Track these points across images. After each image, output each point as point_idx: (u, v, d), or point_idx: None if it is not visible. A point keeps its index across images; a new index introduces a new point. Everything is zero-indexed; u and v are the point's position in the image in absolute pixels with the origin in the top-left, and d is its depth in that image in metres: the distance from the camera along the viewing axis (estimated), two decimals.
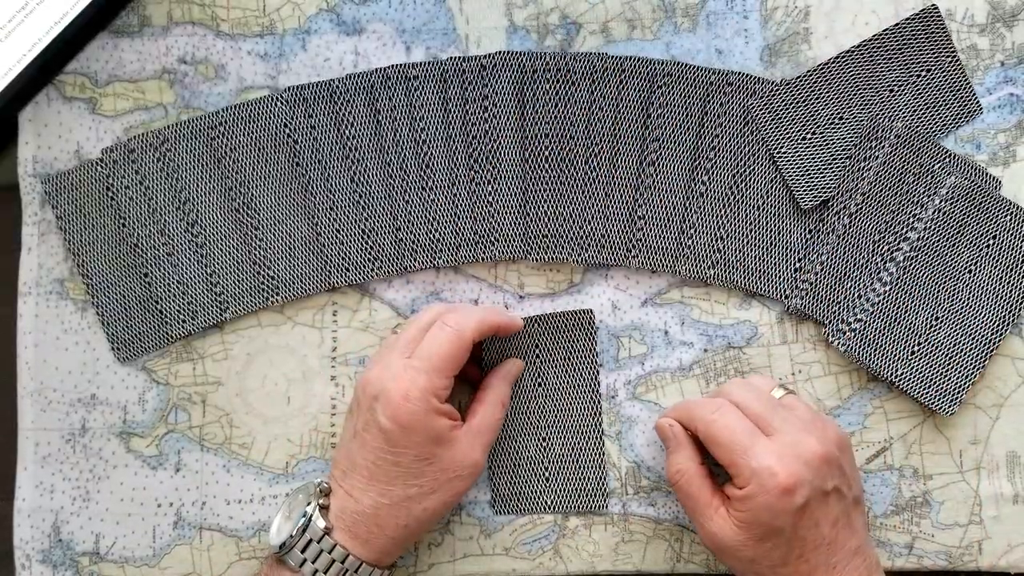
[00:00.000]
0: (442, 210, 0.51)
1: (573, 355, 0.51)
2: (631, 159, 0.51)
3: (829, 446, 0.44)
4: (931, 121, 0.51)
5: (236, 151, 0.51)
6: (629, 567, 0.51)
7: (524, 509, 0.51)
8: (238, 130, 0.51)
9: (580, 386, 0.51)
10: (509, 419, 0.51)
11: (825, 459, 0.43)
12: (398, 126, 0.51)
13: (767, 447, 0.43)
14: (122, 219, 0.51)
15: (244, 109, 0.51)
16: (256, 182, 0.51)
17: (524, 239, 0.51)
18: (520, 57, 0.51)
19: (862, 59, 0.51)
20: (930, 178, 0.50)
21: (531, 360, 0.51)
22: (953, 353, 0.50)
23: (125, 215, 0.51)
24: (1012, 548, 0.50)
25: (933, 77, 0.51)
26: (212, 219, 0.51)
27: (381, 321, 0.51)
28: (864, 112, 0.51)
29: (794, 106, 0.51)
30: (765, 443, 0.43)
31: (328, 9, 0.52)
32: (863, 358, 0.50)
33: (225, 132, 0.51)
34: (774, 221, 0.51)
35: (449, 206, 0.51)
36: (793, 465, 0.42)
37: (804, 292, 0.50)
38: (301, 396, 0.51)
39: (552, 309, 0.51)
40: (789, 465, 0.42)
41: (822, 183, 0.50)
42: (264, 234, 0.51)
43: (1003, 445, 0.51)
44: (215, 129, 0.51)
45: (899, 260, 0.50)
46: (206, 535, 0.51)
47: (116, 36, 0.52)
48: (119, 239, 0.51)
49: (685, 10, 0.52)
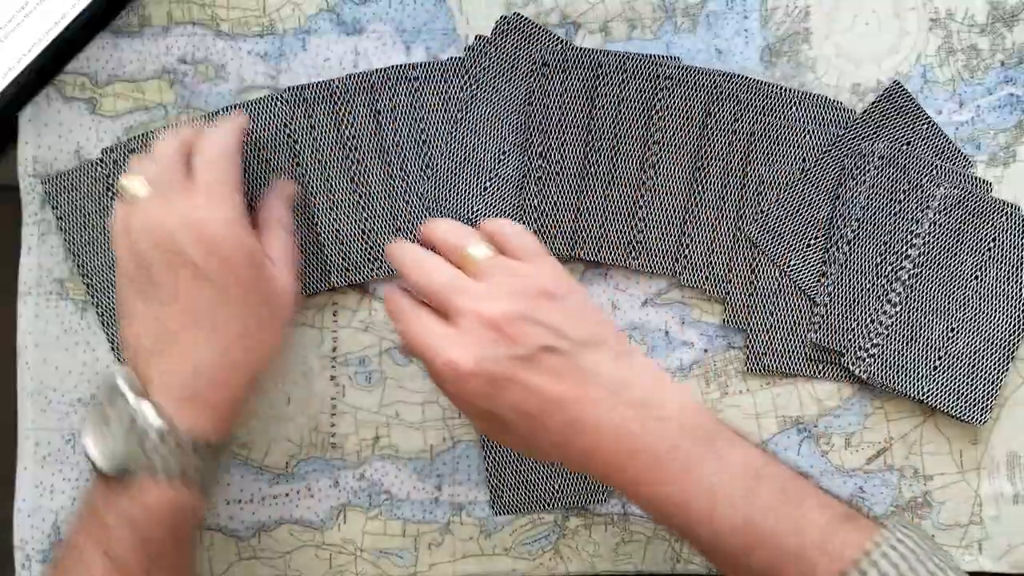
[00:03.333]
0: (442, 210, 0.51)
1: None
2: (632, 159, 0.51)
3: (519, 307, 0.40)
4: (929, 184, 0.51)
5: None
6: (629, 567, 0.51)
7: (524, 508, 0.51)
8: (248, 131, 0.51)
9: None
10: None
11: (511, 324, 0.39)
12: (399, 126, 0.51)
13: (447, 338, 0.40)
14: None
15: (244, 109, 0.51)
16: (256, 182, 0.51)
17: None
18: (521, 56, 0.51)
19: (845, 152, 0.51)
20: (920, 192, 0.50)
21: None
22: (975, 361, 0.50)
23: None
24: (1012, 548, 0.50)
25: (916, 147, 0.51)
26: None
27: (381, 321, 0.51)
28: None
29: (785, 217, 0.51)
30: (445, 333, 0.40)
31: (328, 9, 0.52)
32: (887, 381, 0.50)
33: None
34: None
35: (449, 206, 0.51)
36: (469, 350, 0.39)
37: (817, 325, 0.50)
38: (301, 396, 0.51)
39: None
40: (466, 351, 0.39)
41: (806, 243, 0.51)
42: None
43: (1003, 445, 0.51)
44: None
45: (904, 279, 0.50)
46: (206, 535, 0.51)
47: (116, 36, 0.52)
48: None
49: (685, 10, 0.52)
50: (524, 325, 0.39)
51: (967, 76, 0.52)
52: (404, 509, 0.51)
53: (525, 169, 0.51)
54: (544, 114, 0.51)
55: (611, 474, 0.40)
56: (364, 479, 0.51)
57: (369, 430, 0.51)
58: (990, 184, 0.51)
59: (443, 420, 0.51)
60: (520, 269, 0.42)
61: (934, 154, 0.51)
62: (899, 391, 0.50)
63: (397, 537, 0.51)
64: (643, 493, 0.39)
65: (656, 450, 0.39)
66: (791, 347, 0.51)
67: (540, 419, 0.39)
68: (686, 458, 0.39)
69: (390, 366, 0.51)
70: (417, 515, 0.51)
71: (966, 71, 0.52)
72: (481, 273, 0.41)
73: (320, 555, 0.51)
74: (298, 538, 0.51)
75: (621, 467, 0.39)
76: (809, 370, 0.51)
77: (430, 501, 0.51)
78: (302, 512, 0.51)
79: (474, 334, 0.39)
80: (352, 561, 0.51)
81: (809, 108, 0.51)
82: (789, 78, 0.52)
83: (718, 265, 0.51)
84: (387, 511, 0.51)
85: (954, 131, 0.52)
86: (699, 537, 0.39)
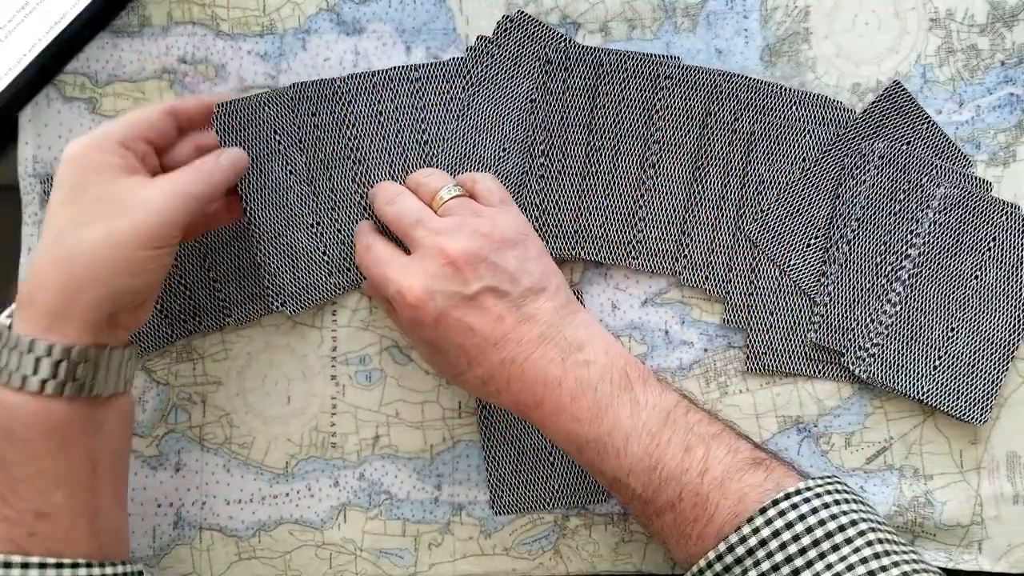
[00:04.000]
0: None
1: None
2: (633, 158, 0.51)
3: (475, 246, 0.42)
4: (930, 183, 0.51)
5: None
6: (629, 567, 0.51)
7: (524, 508, 0.51)
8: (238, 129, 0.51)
9: None
10: (504, 418, 0.51)
11: (465, 262, 0.42)
12: (401, 126, 0.51)
13: (403, 267, 0.43)
14: None
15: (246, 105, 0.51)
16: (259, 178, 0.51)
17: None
18: (524, 54, 0.51)
19: (845, 152, 0.51)
20: (920, 192, 0.50)
21: None
22: (975, 361, 0.50)
23: None
24: (1012, 548, 0.50)
25: (916, 147, 0.51)
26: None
27: (381, 321, 0.51)
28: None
29: (785, 217, 0.51)
30: (401, 263, 0.44)
31: (328, 9, 0.52)
32: (886, 381, 0.50)
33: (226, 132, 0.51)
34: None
35: None
36: (421, 279, 0.42)
37: (817, 325, 0.50)
38: (301, 396, 0.51)
39: None
40: (417, 280, 0.42)
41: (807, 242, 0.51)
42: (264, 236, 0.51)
43: (1003, 445, 0.51)
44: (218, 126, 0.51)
45: (904, 278, 0.50)
46: (206, 535, 0.50)
47: (116, 36, 0.52)
48: None
49: (685, 10, 0.52)
50: (478, 265, 0.42)
51: (967, 76, 0.52)
52: (404, 509, 0.51)
53: (526, 166, 0.51)
54: (546, 113, 0.51)
55: (529, 409, 0.43)
56: (364, 479, 0.51)
57: (369, 430, 0.51)
58: (990, 184, 0.51)
59: (443, 420, 0.51)
60: (484, 211, 0.45)
61: (934, 154, 0.51)
62: (899, 391, 0.50)
63: (397, 537, 0.51)
64: (559, 427, 0.42)
65: (573, 389, 0.42)
66: (791, 347, 0.51)
67: (474, 354, 0.43)
68: (602, 399, 0.41)
69: (390, 365, 0.51)
70: (417, 515, 0.51)
71: (966, 71, 0.52)
72: (446, 211, 0.45)
73: (320, 555, 0.51)
74: (298, 538, 0.51)
75: (538, 402, 0.42)
76: (809, 370, 0.51)
77: (430, 501, 0.51)
78: (302, 512, 0.51)
79: (429, 265, 0.42)
80: (352, 561, 0.51)
81: (809, 108, 0.51)
82: (789, 78, 0.52)
83: (718, 265, 0.51)
84: (387, 511, 0.51)
85: (954, 131, 0.52)
86: (607, 473, 0.42)
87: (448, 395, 0.51)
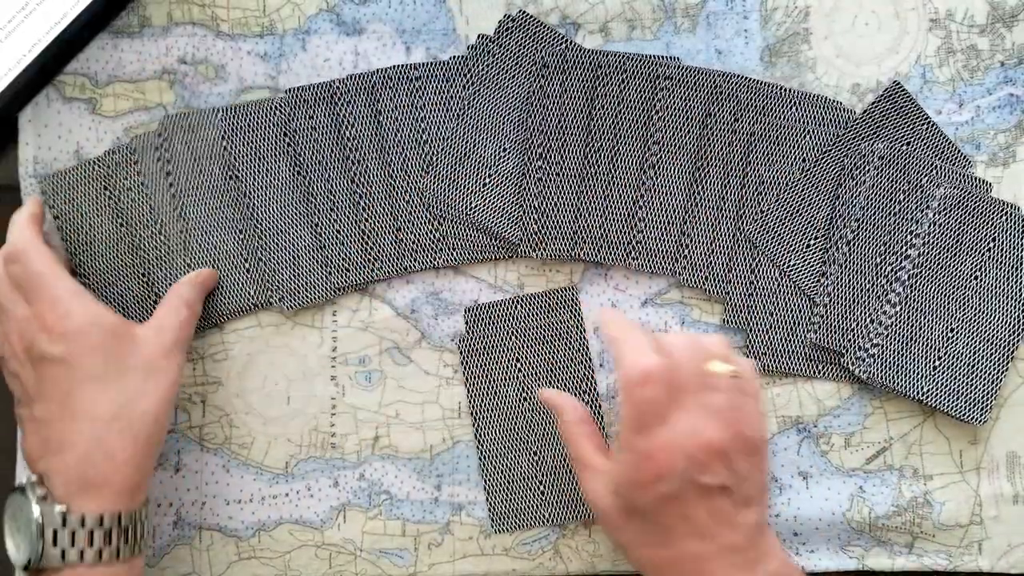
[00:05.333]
0: (441, 204, 0.51)
1: (561, 347, 0.51)
2: (632, 159, 0.51)
3: (727, 440, 0.41)
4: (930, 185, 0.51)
5: (238, 150, 0.51)
6: (629, 567, 0.51)
7: (523, 525, 0.51)
8: (239, 131, 0.51)
9: (575, 387, 0.51)
10: (499, 435, 0.51)
11: (714, 452, 0.41)
12: (399, 126, 0.51)
13: (658, 432, 0.41)
14: (120, 218, 0.51)
15: (243, 111, 0.51)
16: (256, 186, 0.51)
17: (526, 238, 0.51)
18: (524, 54, 0.51)
19: (845, 152, 0.51)
20: (920, 193, 0.50)
21: (514, 368, 0.51)
22: (974, 361, 0.50)
23: (123, 214, 0.51)
24: (1012, 548, 0.50)
25: (916, 148, 0.51)
26: (213, 220, 0.51)
27: (381, 321, 0.51)
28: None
29: (785, 217, 0.51)
30: (658, 428, 0.42)
31: (328, 9, 0.52)
32: (886, 381, 0.50)
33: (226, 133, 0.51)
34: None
35: (448, 200, 0.51)
36: (673, 455, 0.41)
37: (816, 325, 0.50)
38: (301, 396, 0.51)
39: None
40: (669, 454, 0.41)
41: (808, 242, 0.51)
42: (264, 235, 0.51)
43: (1003, 445, 0.51)
44: (217, 129, 0.51)
45: (904, 279, 0.50)
46: (206, 535, 0.51)
47: (116, 36, 0.52)
48: (117, 238, 0.51)
49: (685, 10, 0.52)
50: (724, 461, 0.41)
51: (967, 76, 0.52)
52: (404, 509, 0.51)
53: (525, 168, 0.51)
54: (544, 115, 0.51)
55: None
56: (364, 479, 0.51)
57: (369, 430, 0.51)
58: (990, 184, 0.51)
59: (443, 420, 0.51)
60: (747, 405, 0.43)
61: (934, 154, 0.51)
62: (899, 391, 0.50)
63: (397, 537, 0.51)
64: None
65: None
66: (791, 347, 0.51)
67: (674, 539, 0.42)
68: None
69: (390, 366, 0.51)
70: (417, 515, 0.51)
71: (966, 71, 0.52)
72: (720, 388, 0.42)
73: (320, 555, 0.51)
74: (298, 538, 0.51)
75: None
76: (809, 370, 0.51)
77: (430, 501, 0.51)
78: (302, 512, 0.51)
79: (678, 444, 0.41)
80: (352, 561, 0.51)
81: (809, 108, 0.51)
82: (789, 78, 0.52)
83: (718, 266, 0.51)
84: (387, 511, 0.51)
85: (954, 131, 0.52)
86: None
87: (448, 395, 0.51)
